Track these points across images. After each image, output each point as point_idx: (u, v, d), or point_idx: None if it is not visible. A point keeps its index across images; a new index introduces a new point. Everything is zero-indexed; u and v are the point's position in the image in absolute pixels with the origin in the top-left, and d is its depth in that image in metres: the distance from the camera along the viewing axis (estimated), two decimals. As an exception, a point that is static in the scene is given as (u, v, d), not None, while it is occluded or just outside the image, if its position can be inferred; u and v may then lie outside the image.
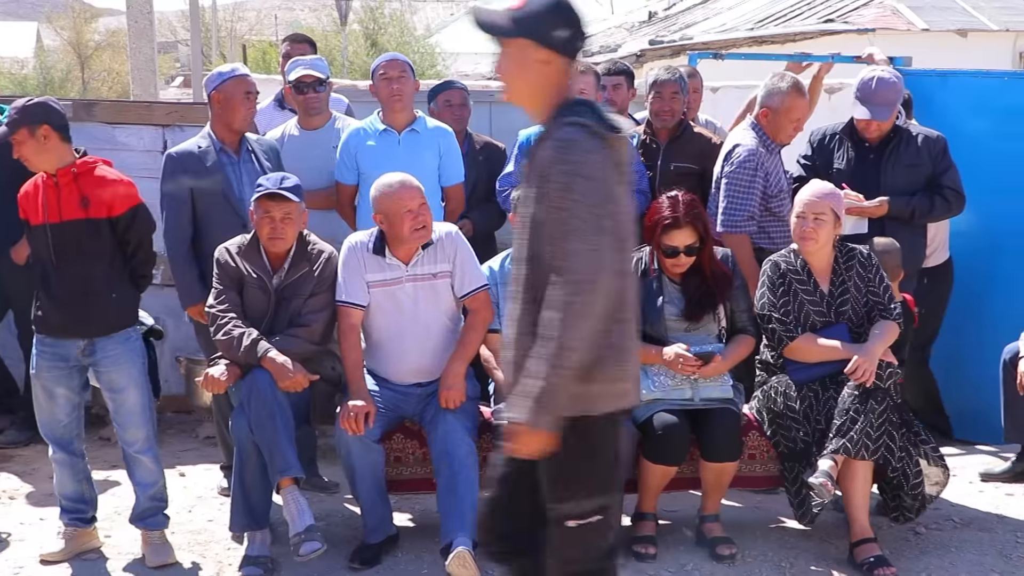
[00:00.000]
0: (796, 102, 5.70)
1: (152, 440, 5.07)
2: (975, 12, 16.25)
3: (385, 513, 5.05)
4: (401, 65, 5.98)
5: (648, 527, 5.15)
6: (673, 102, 6.19)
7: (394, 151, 5.75)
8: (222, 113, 5.59)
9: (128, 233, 4.93)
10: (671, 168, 6.12)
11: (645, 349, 5.12)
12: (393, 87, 5.89)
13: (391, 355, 5.11)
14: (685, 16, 22.70)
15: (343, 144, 5.97)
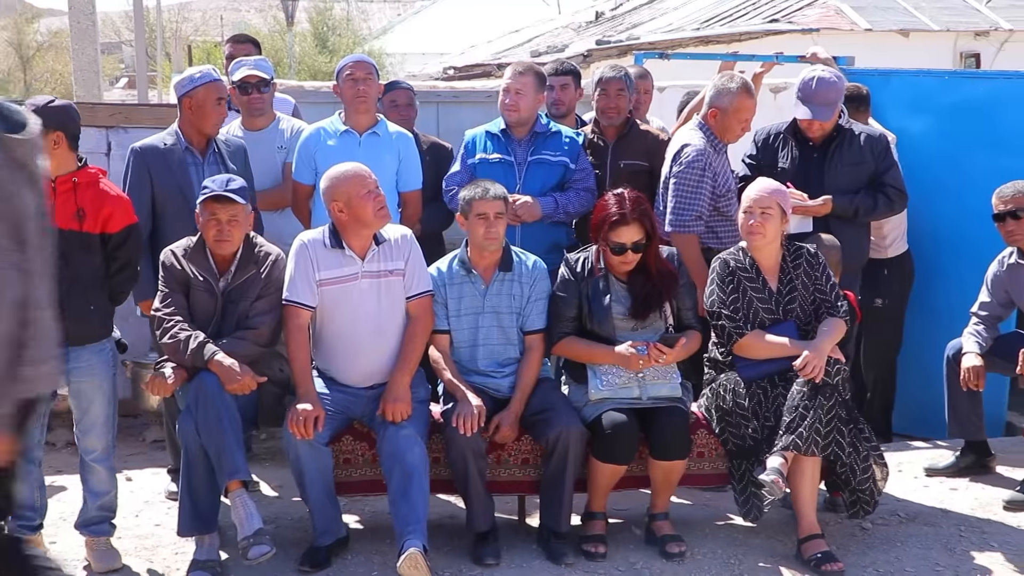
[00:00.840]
0: (745, 102, 5.73)
1: (111, 451, 5.04)
2: (917, 12, 16.44)
3: (334, 515, 5.03)
4: (367, 67, 5.98)
5: (598, 526, 5.17)
6: (619, 99, 6.21)
7: (354, 152, 5.72)
8: (193, 118, 5.58)
9: (119, 251, 4.90)
10: (620, 166, 6.15)
11: (595, 349, 5.16)
12: (359, 88, 5.87)
13: (344, 356, 5.09)
14: (632, 16, 22.79)
15: (302, 143, 5.94)
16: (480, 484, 5.01)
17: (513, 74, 6.02)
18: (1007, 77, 7.26)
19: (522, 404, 5.13)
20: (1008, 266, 5.94)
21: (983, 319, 5.99)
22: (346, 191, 4.94)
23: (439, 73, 19.38)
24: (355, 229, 5.00)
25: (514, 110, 5.98)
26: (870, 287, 6.78)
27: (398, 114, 6.49)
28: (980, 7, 16.77)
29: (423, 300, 5.13)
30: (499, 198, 5.15)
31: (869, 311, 6.83)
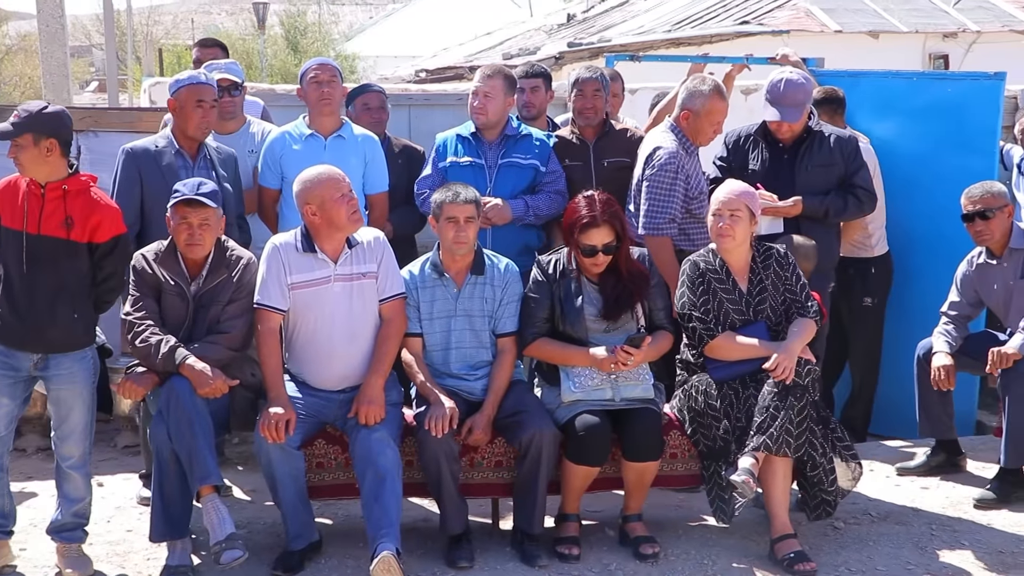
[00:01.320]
0: (718, 105, 5.74)
1: (87, 458, 5.01)
2: (886, 14, 16.55)
3: (307, 519, 5.02)
4: (332, 69, 5.98)
5: (571, 528, 5.17)
6: (595, 99, 6.22)
7: (320, 156, 5.71)
8: (178, 120, 5.60)
9: (105, 260, 4.88)
10: (604, 164, 6.15)
11: (568, 351, 5.16)
12: (323, 91, 5.87)
13: (317, 360, 5.07)
14: (603, 18, 22.85)
15: (267, 147, 5.93)
16: (453, 487, 5.01)
17: (482, 77, 6.02)
18: (975, 78, 7.30)
19: (495, 407, 5.13)
20: (977, 266, 5.99)
21: (953, 319, 6.03)
22: (320, 194, 4.93)
23: (411, 76, 19.39)
24: (328, 232, 4.98)
25: (482, 113, 5.98)
26: (859, 286, 6.82)
27: (370, 117, 6.48)
28: (948, 9, 16.89)
29: (396, 303, 5.12)
30: (470, 202, 5.15)
31: (858, 310, 6.88)
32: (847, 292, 6.78)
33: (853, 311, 6.91)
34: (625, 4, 24.15)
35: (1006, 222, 5.84)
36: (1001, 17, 16.71)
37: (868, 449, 6.52)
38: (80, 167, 4.86)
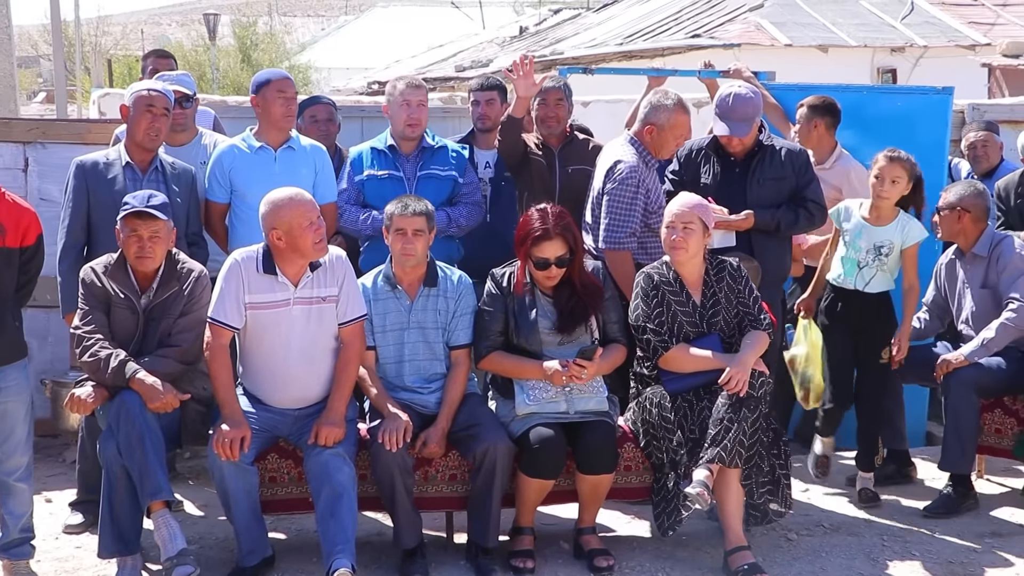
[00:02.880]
0: (681, 118, 5.76)
1: (31, 468, 4.97)
2: (835, 28, 16.73)
3: (260, 534, 4.97)
4: (293, 84, 5.96)
5: (526, 541, 5.16)
6: (558, 108, 6.25)
7: (270, 168, 5.67)
8: (128, 126, 5.58)
9: (31, 263, 4.86)
10: (569, 171, 6.18)
11: (521, 364, 5.16)
12: (291, 107, 5.85)
13: (272, 381, 5.02)
14: (555, 31, 22.93)
15: (215, 161, 5.87)
16: (407, 501, 4.99)
17: (409, 88, 6.00)
18: (923, 93, 7.37)
19: (449, 420, 5.12)
20: (949, 260, 6.10)
21: (931, 310, 6.17)
22: (288, 220, 4.86)
23: (363, 88, 19.33)
24: (291, 258, 4.93)
25: (418, 124, 5.97)
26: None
27: (317, 129, 6.48)
28: (896, 24, 17.11)
29: (356, 325, 5.08)
30: (419, 214, 5.13)
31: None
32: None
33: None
34: (577, 17, 24.27)
35: (980, 224, 5.97)
36: (947, 32, 16.94)
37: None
38: (28, 179, 4.81)
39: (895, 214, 5.80)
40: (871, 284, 5.81)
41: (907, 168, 5.74)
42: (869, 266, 5.80)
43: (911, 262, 5.84)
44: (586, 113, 8.20)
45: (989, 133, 7.60)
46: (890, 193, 5.74)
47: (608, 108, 8.41)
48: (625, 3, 23.38)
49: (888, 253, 5.78)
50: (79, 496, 5.64)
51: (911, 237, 5.78)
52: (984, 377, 5.79)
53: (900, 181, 5.74)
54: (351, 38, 39.64)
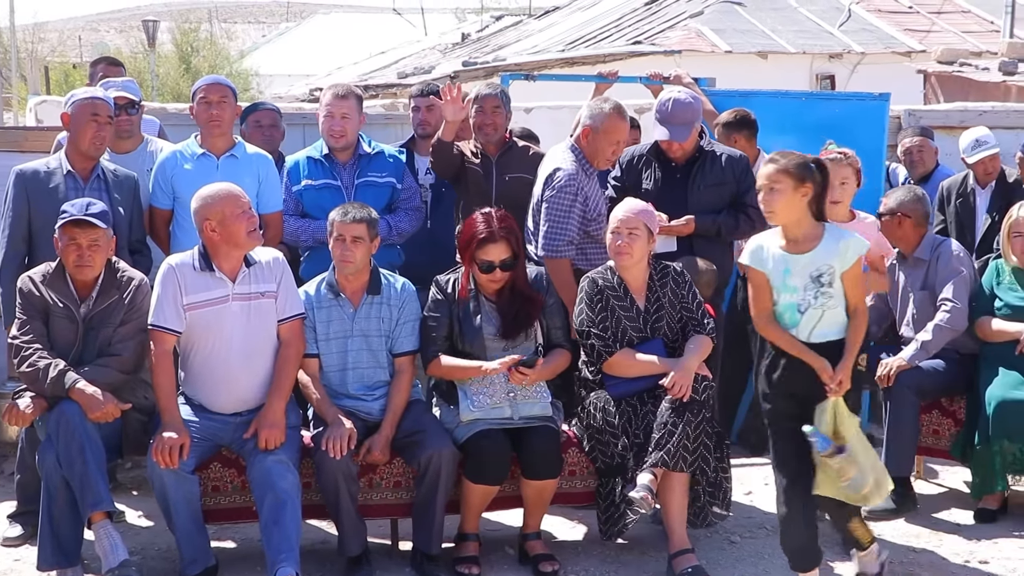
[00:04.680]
0: (617, 123, 5.76)
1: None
2: (774, 35, 16.90)
3: (202, 543, 4.92)
4: (222, 89, 5.86)
5: (471, 547, 5.16)
6: (495, 116, 6.23)
7: (212, 176, 5.62)
8: (71, 135, 5.51)
9: None
10: (506, 179, 6.17)
11: (465, 365, 5.16)
12: (212, 112, 5.77)
13: (214, 381, 4.99)
14: (497, 38, 22.98)
15: (158, 167, 5.83)
16: (352, 508, 4.97)
17: (334, 99, 5.97)
18: (861, 99, 7.48)
19: (393, 427, 5.11)
20: (889, 265, 6.17)
21: (870, 315, 6.20)
22: (220, 210, 4.85)
23: (305, 95, 19.23)
24: (226, 250, 4.91)
25: (342, 136, 5.95)
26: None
27: (261, 135, 6.44)
28: (834, 31, 17.30)
29: (295, 323, 5.07)
30: (359, 221, 5.11)
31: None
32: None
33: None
34: (519, 24, 24.34)
35: (920, 229, 6.02)
36: (884, 39, 17.17)
37: (763, 463, 6.59)
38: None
39: (820, 232, 4.61)
40: (816, 331, 4.63)
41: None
42: (812, 307, 4.61)
43: (852, 281, 4.64)
44: (528, 120, 8.22)
45: (924, 138, 7.73)
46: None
47: (551, 115, 8.45)
48: (567, 10, 23.49)
49: (830, 281, 4.58)
50: (18, 508, 5.56)
51: (850, 253, 4.61)
52: (924, 380, 5.88)
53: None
54: (292, 45, 39.44)
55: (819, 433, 4.53)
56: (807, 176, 4.52)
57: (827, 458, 4.51)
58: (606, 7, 21.15)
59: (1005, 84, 10.93)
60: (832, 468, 4.53)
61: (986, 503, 5.80)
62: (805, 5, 18.15)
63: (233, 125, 5.94)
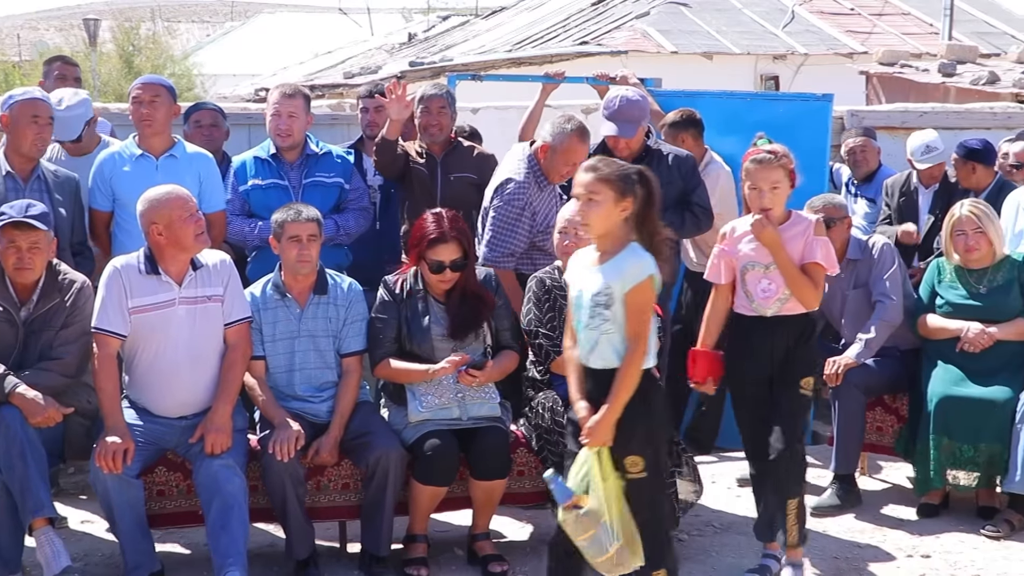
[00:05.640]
0: (575, 145, 5.70)
1: None
2: (719, 36, 17.02)
3: (147, 549, 4.87)
4: (155, 88, 5.80)
5: (419, 549, 5.15)
6: (441, 116, 6.22)
7: (152, 176, 5.56)
8: (11, 136, 5.44)
9: None
10: (451, 179, 6.16)
11: (411, 369, 5.14)
12: (143, 111, 5.72)
13: (159, 385, 4.94)
14: (444, 38, 22.96)
15: (96, 169, 5.76)
16: (299, 511, 4.94)
17: (282, 98, 5.95)
18: (804, 100, 7.54)
19: (341, 428, 5.08)
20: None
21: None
22: (167, 213, 4.81)
23: (251, 94, 19.10)
24: (173, 253, 4.87)
25: (288, 135, 5.93)
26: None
27: (201, 135, 6.39)
28: (778, 32, 17.46)
29: (242, 327, 5.04)
30: (311, 220, 5.10)
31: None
32: (702, 306, 6.90)
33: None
34: (466, 24, 24.33)
35: (845, 233, 6.05)
36: (827, 41, 17.35)
37: (710, 461, 6.64)
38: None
39: (620, 249, 4.20)
40: (594, 355, 4.22)
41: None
42: (589, 327, 4.19)
43: (633, 308, 4.14)
44: (476, 120, 8.23)
45: (867, 139, 7.81)
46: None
47: (498, 115, 8.46)
48: (514, 10, 23.53)
49: (607, 303, 4.15)
50: None
51: (630, 276, 4.14)
52: (870, 378, 5.95)
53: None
54: (237, 44, 39.16)
55: (559, 481, 4.13)
56: (628, 190, 4.15)
57: (563, 510, 4.11)
58: (553, 8, 21.20)
59: (944, 85, 11.07)
60: (568, 521, 4.11)
61: (929, 498, 5.87)
62: (749, 7, 18.29)
63: (170, 124, 5.87)
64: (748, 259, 4.99)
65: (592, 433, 4.09)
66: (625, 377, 4.11)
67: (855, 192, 7.85)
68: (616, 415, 4.10)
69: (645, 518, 4.14)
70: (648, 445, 4.19)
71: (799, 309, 4.95)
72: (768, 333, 4.99)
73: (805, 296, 4.92)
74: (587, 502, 4.06)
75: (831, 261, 4.99)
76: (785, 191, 4.99)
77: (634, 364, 4.12)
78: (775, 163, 4.93)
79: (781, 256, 4.90)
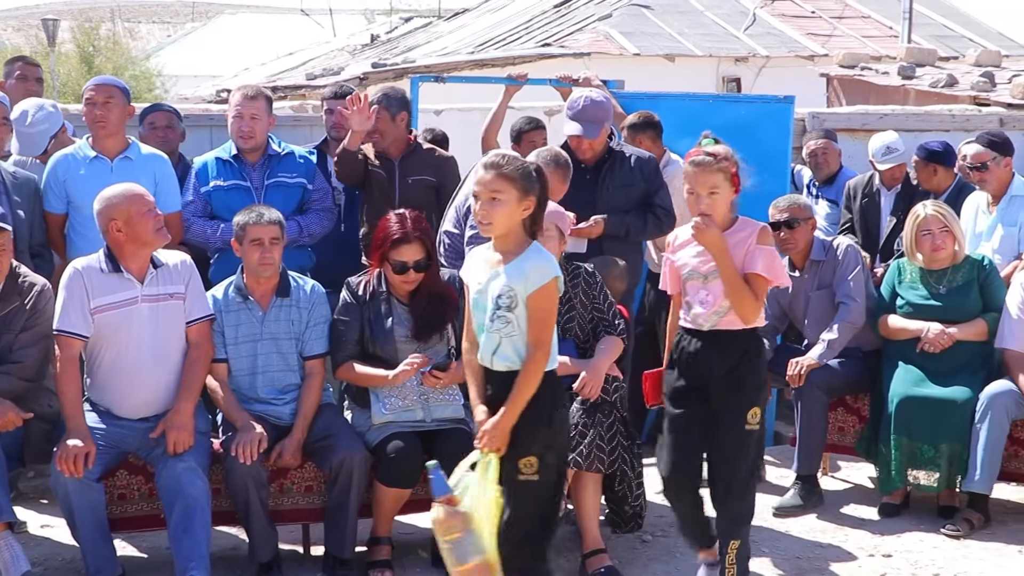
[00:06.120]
0: (556, 185, 5.31)
1: None
2: (681, 39, 17.08)
3: (108, 554, 4.84)
4: (108, 89, 5.77)
5: (383, 551, 5.13)
6: (377, 122, 6.16)
7: (107, 178, 5.51)
8: None
9: None
10: (409, 182, 6.15)
11: (374, 374, 5.13)
12: (96, 113, 5.68)
13: (122, 385, 4.91)
14: (407, 39, 22.92)
15: (50, 171, 5.72)
16: (262, 514, 4.92)
17: (243, 99, 5.94)
18: (766, 101, 7.58)
19: (304, 431, 5.06)
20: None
21: (762, 331, 6.22)
22: (126, 209, 4.79)
23: (212, 96, 19.01)
24: (133, 250, 4.85)
25: (250, 137, 5.92)
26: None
27: (156, 136, 6.37)
28: (739, 35, 17.55)
29: (203, 325, 5.02)
30: (274, 223, 5.09)
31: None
32: (666, 307, 6.91)
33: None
34: (429, 25, 24.30)
35: (809, 234, 6.09)
36: (787, 43, 17.45)
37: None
38: None
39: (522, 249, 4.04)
40: (496, 357, 4.08)
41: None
42: (489, 330, 4.06)
43: (535, 312, 4.00)
44: (439, 121, 8.23)
45: (828, 141, 7.87)
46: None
47: (461, 116, 8.46)
48: (476, 12, 23.52)
49: (509, 305, 4.00)
50: None
51: (533, 279, 3.99)
52: (832, 378, 5.99)
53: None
54: (199, 45, 38.94)
55: (440, 474, 4.02)
56: (531, 189, 3.98)
57: (437, 503, 4.03)
58: (515, 9, 21.22)
59: (904, 88, 11.15)
60: (438, 518, 4.03)
61: (890, 498, 5.92)
62: (711, 9, 18.38)
63: (124, 126, 5.83)
64: (687, 268, 4.65)
65: (486, 437, 4.00)
66: (524, 381, 3.97)
67: (816, 194, 7.90)
68: (512, 420, 3.97)
69: (530, 529, 4.03)
70: (546, 451, 4.03)
71: (739, 324, 4.55)
72: (704, 349, 4.59)
73: (743, 309, 4.52)
74: (460, 503, 3.97)
75: (774, 272, 4.59)
76: (726, 196, 4.56)
77: (534, 368, 3.98)
78: (713, 166, 4.51)
79: (724, 261, 4.50)
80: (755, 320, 4.60)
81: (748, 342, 4.61)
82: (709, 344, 4.59)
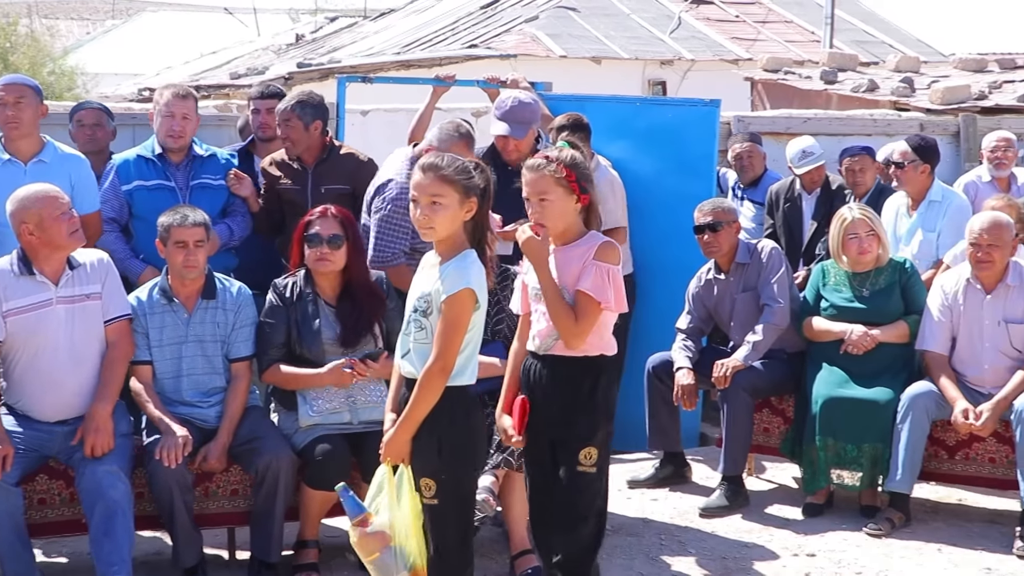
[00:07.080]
0: (459, 151, 5.53)
1: None
2: (608, 41, 17.16)
3: (27, 559, 4.74)
4: (19, 89, 5.59)
5: (310, 554, 5.09)
6: (288, 129, 6.05)
7: (20, 182, 5.32)
8: None
9: None
10: (322, 191, 6.07)
11: (305, 375, 5.08)
12: (7, 114, 5.51)
13: (39, 388, 4.82)
14: (332, 39, 22.76)
15: None
16: (187, 518, 4.86)
17: (175, 99, 5.86)
18: (691, 104, 7.62)
19: (230, 434, 5.01)
20: (706, 281, 6.26)
21: (688, 333, 6.28)
22: (37, 212, 4.70)
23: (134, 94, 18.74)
24: (47, 253, 4.76)
25: (181, 136, 5.84)
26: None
27: (83, 134, 6.25)
28: (665, 38, 17.66)
29: (122, 324, 4.95)
30: (199, 224, 5.02)
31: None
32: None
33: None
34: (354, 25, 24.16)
35: (733, 237, 6.14)
36: (713, 47, 17.60)
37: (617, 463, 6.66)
38: None
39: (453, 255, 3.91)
40: (404, 362, 3.99)
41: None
42: (404, 332, 3.99)
43: (444, 322, 3.83)
44: (365, 123, 8.16)
45: (753, 144, 7.95)
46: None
47: (387, 117, 8.40)
48: (402, 12, 23.43)
49: (424, 311, 3.89)
50: None
51: (445, 285, 3.84)
52: (757, 380, 6.04)
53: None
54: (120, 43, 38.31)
55: (350, 495, 3.97)
56: (472, 189, 3.85)
57: (352, 527, 3.97)
58: (441, 10, 21.17)
59: (827, 92, 11.30)
60: (355, 540, 3.96)
61: (814, 498, 5.99)
62: (637, 12, 18.48)
63: (37, 126, 5.66)
64: (532, 286, 4.29)
65: (384, 447, 3.93)
66: (419, 392, 3.79)
67: (741, 196, 7.98)
68: (408, 432, 3.83)
69: (443, 546, 3.92)
70: (446, 470, 3.85)
71: (574, 351, 4.14)
72: (539, 376, 4.22)
73: (563, 331, 4.09)
74: (372, 522, 3.87)
75: (603, 294, 4.08)
76: (560, 204, 4.11)
77: (427, 380, 3.78)
78: (543, 169, 4.10)
79: (541, 274, 4.12)
80: (578, 345, 4.12)
81: (586, 373, 4.16)
82: (544, 370, 4.22)
